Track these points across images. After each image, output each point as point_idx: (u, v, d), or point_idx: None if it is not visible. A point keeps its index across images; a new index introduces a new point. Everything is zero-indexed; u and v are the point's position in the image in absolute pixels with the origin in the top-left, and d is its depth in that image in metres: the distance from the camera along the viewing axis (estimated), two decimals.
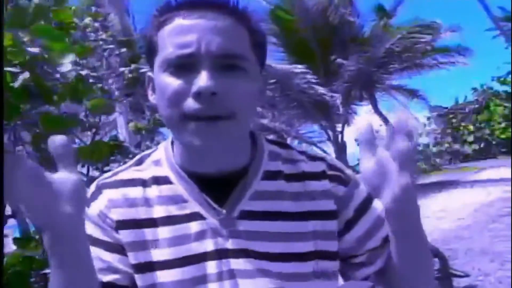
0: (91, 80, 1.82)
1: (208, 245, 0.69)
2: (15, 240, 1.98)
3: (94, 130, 2.00)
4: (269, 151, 0.76)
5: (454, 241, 4.53)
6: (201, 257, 0.69)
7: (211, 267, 0.69)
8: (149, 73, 0.72)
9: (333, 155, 11.06)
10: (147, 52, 0.71)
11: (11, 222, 2.04)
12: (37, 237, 2.11)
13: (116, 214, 0.71)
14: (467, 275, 1.60)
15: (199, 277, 0.69)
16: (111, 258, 0.70)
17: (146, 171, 0.74)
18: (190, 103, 0.63)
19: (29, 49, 1.45)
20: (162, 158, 0.75)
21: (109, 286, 0.70)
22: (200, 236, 0.70)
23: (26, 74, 1.42)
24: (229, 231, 0.70)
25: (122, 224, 0.71)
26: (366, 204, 0.76)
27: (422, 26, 10.37)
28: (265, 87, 0.78)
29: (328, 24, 10.65)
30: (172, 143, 0.75)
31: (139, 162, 0.76)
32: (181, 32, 0.64)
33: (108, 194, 0.72)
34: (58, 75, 1.62)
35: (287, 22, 10.96)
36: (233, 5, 0.68)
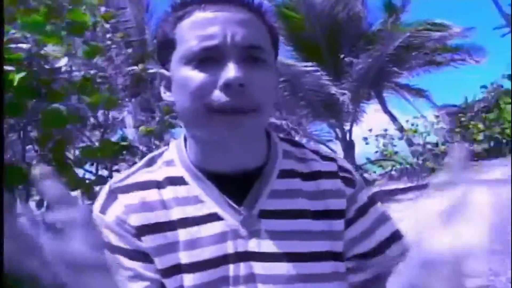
0: (98, 80, 1.83)
1: (228, 247, 0.68)
2: None
3: (102, 129, 2.00)
4: (283, 149, 0.75)
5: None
6: (221, 260, 0.68)
7: (232, 269, 0.67)
8: (162, 71, 0.70)
9: (341, 153, 11.02)
10: (162, 49, 0.69)
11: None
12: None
13: (135, 220, 0.68)
14: (479, 275, 1.56)
15: (219, 280, 0.67)
16: (134, 265, 0.68)
17: (159, 172, 0.72)
18: (218, 95, 0.62)
19: (21, 45, 1.43)
20: (175, 157, 0.73)
21: None
22: (219, 237, 0.68)
23: (22, 74, 1.41)
24: (249, 231, 0.68)
25: (143, 230, 0.68)
26: (366, 207, 0.76)
27: (432, 24, 10.27)
28: (278, 73, 0.76)
29: (336, 21, 10.60)
30: (185, 141, 0.73)
31: (150, 163, 0.75)
32: (204, 25, 0.63)
33: (124, 199, 0.70)
34: (65, 75, 1.62)
35: (294, 20, 10.93)
36: (250, 0, 0.68)
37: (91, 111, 1.78)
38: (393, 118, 14.37)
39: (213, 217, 0.69)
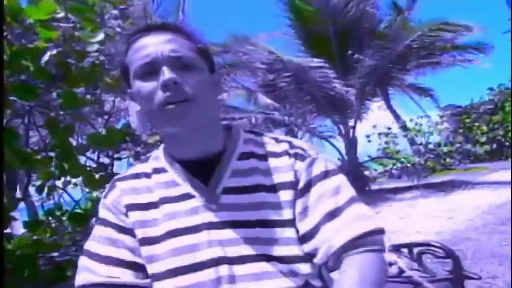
0: (107, 66, 1.83)
1: (199, 218, 0.85)
2: (25, 223, 2.00)
3: (106, 117, 2.00)
4: (244, 138, 0.93)
5: (462, 242, 4.49)
6: (193, 229, 0.85)
7: (202, 237, 0.84)
8: (129, 90, 0.91)
9: (343, 150, 10.99)
10: (123, 73, 0.91)
11: (20, 205, 2.05)
12: (46, 220, 2.12)
13: (126, 200, 0.90)
14: (479, 277, 1.57)
15: (191, 246, 0.84)
16: (121, 237, 0.88)
17: (149, 165, 0.94)
18: (161, 94, 0.82)
19: (61, 24, 1.51)
20: (160, 153, 0.95)
21: (118, 261, 0.87)
22: (192, 212, 0.86)
23: (54, 51, 1.48)
24: (215, 205, 0.85)
25: (130, 207, 0.89)
26: (318, 178, 0.88)
27: (446, 24, 10.14)
28: (220, 80, 0.97)
29: (348, 16, 10.52)
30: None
31: (145, 160, 0.97)
32: (142, 49, 0.85)
33: (120, 186, 0.92)
34: (71, 60, 1.63)
35: (306, 13, 10.86)
36: (173, 25, 0.90)
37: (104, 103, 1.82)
38: (397, 117, 14.33)
39: (186, 196, 0.87)
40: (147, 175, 0.92)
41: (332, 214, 0.84)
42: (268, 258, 0.83)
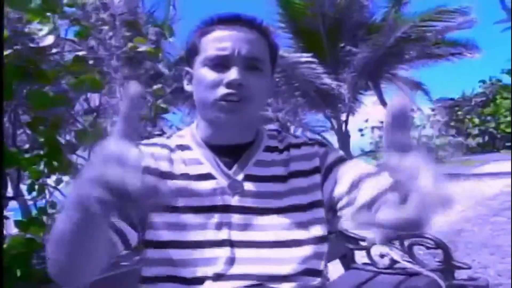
0: (90, 62, 1.77)
1: (216, 200, 0.87)
2: (17, 223, 1.99)
3: (95, 114, 1.98)
4: (268, 134, 0.99)
5: (454, 234, 4.53)
6: (206, 209, 0.86)
7: (212, 218, 0.85)
8: (187, 68, 0.94)
9: (336, 144, 11.02)
10: (189, 52, 0.93)
11: (13, 204, 2.04)
12: (39, 218, 2.11)
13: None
14: (469, 267, 1.59)
15: (199, 225, 0.85)
16: None
17: (172, 141, 0.94)
18: (222, 90, 0.85)
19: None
20: (186, 133, 0.96)
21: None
22: (209, 192, 0.87)
23: (7, 51, 1.36)
24: (235, 190, 0.88)
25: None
26: (340, 160, 0.94)
27: (441, 12, 10.13)
28: (274, 83, 1.00)
29: (339, 10, 10.50)
30: (196, 126, 0.96)
31: (168, 137, 0.97)
32: (220, 40, 0.87)
33: (141, 148, 0.90)
34: (56, 56, 1.58)
35: (296, 7, 10.83)
36: (259, 23, 0.92)
37: (76, 93, 1.71)
38: None
39: (208, 176, 0.89)
40: (170, 149, 0.92)
41: (369, 175, 0.87)
42: (275, 244, 0.85)
